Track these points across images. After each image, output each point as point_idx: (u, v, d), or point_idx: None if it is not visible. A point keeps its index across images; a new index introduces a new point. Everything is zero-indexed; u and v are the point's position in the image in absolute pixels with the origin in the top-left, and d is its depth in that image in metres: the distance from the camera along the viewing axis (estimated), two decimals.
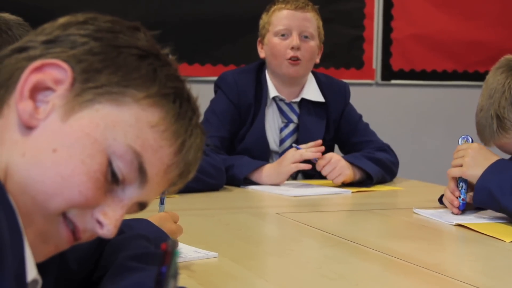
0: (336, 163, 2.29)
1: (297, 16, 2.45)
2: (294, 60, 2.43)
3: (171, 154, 0.81)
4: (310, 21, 2.47)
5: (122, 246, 0.98)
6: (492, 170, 1.68)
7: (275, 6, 2.49)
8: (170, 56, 0.85)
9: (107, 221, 0.78)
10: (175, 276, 0.61)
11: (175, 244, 0.61)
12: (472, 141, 1.82)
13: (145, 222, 1.14)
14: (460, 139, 1.83)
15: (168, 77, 0.82)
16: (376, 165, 2.37)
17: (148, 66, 0.80)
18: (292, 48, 2.42)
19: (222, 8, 3.71)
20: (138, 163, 0.78)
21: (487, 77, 1.79)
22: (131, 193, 0.80)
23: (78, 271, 0.96)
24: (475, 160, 1.72)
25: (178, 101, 0.82)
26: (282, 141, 2.51)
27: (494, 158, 1.70)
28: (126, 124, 0.78)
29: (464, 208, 1.77)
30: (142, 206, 0.84)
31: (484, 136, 1.77)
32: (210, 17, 3.69)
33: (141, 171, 0.79)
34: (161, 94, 0.80)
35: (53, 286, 0.86)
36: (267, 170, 2.31)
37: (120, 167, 0.77)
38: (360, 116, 2.63)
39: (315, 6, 2.52)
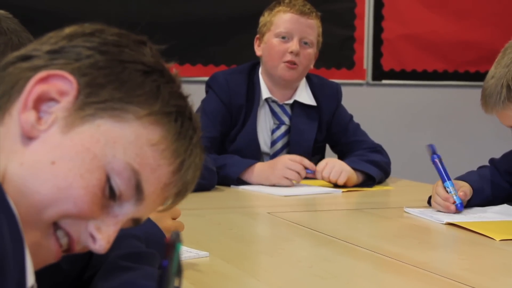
0: (334, 164, 2.29)
1: (301, 21, 2.43)
2: (292, 64, 2.43)
3: (169, 173, 0.81)
4: (313, 28, 2.46)
5: (113, 245, 0.98)
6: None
7: (280, 7, 2.46)
8: (174, 71, 0.85)
9: (100, 236, 0.78)
10: (179, 272, 0.60)
11: (177, 237, 0.61)
12: (435, 151, 1.84)
13: None
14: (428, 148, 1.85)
15: (171, 95, 0.81)
16: (374, 167, 2.37)
17: (152, 83, 0.80)
18: (291, 52, 2.41)
19: (213, 8, 3.71)
20: (135, 181, 0.78)
21: (506, 46, 1.74)
22: (126, 209, 0.80)
23: (69, 270, 0.96)
24: None
25: (180, 119, 0.81)
26: (273, 143, 2.50)
27: None
28: (126, 141, 0.77)
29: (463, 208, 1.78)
30: (136, 222, 0.83)
31: (488, 103, 1.73)
32: (201, 17, 3.68)
33: (138, 189, 0.79)
34: (163, 112, 0.80)
35: (47, 287, 0.86)
36: (258, 171, 2.30)
37: (118, 183, 0.77)
38: (351, 117, 2.63)
39: (318, 13, 2.50)
